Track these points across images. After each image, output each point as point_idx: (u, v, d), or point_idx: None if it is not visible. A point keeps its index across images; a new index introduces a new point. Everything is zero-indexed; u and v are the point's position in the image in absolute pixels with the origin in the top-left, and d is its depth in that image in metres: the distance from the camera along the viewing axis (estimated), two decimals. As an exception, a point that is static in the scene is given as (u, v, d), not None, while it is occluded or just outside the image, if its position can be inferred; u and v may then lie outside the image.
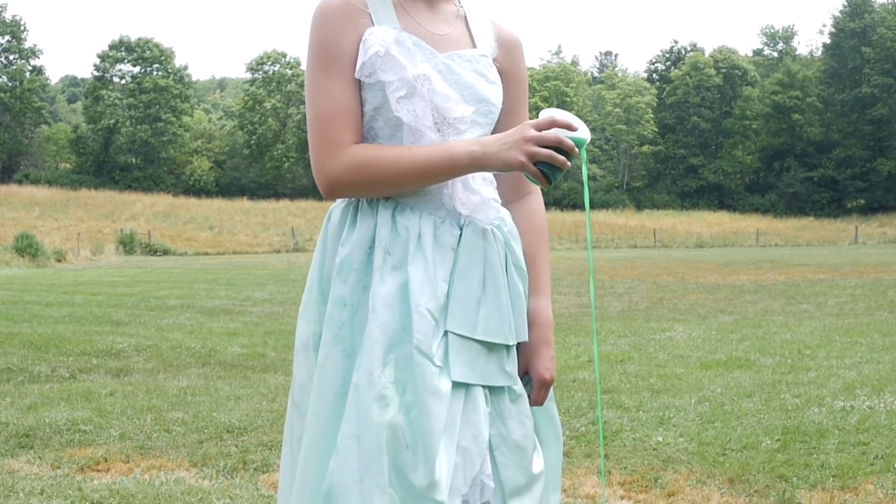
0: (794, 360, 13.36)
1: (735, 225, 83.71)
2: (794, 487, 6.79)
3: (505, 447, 2.63)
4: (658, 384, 11.31)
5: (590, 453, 7.88)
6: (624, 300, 24.48)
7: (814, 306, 22.33)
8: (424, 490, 2.49)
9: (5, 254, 44.49)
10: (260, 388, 11.25)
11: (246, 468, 7.50)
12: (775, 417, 9.17)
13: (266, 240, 67.25)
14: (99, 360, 13.75)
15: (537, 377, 2.77)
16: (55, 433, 8.66)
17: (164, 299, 24.66)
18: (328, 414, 2.58)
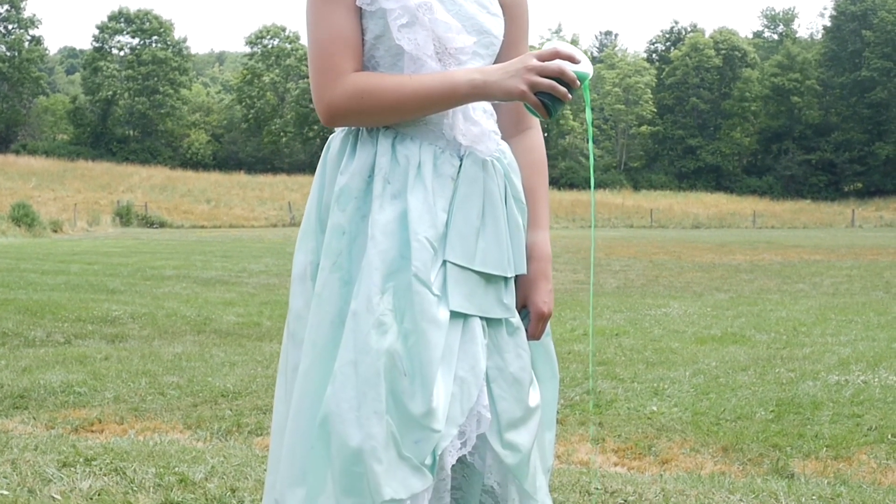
0: (789, 336, 13.39)
1: (732, 206, 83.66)
2: (787, 457, 6.81)
3: (502, 379, 2.62)
4: (653, 357, 11.32)
5: (584, 421, 7.90)
6: (619, 277, 24.51)
7: (809, 286, 22.36)
8: (421, 418, 2.48)
9: (1, 223, 44.41)
10: (255, 355, 11.25)
11: (240, 431, 7.51)
12: (769, 390, 9.19)
13: (263, 214, 67.15)
14: (94, 327, 13.75)
15: (535, 310, 2.76)
16: (49, 395, 8.66)
17: (160, 269, 24.63)
18: (325, 341, 2.57)
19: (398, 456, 2.47)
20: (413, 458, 2.48)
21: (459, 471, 2.67)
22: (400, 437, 2.48)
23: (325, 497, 2.47)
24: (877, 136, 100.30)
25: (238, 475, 5.43)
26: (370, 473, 2.44)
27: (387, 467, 2.45)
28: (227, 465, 5.70)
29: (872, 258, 32.24)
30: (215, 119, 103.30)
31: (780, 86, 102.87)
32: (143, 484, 5.18)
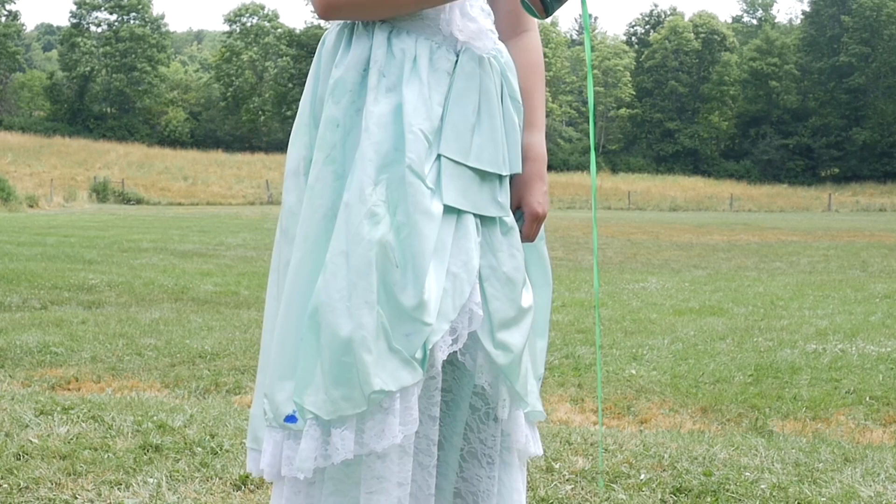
0: (766, 309, 13.42)
1: (709, 190, 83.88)
2: (766, 417, 6.81)
3: (494, 279, 2.60)
4: (632, 327, 11.34)
5: (563, 382, 7.90)
6: (599, 254, 24.53)
7: (786, 264, 22.44)
8: (412, 310, 2.45)
9: (-24, 197, 44.27)
10: (233, 321, 11.21)
11: (218, 390, 7.48)
12: (748, 357, 9.21)
13: (240, 192, 66.98)
14: (71, 294, 13.68)
15: (530, 211, 2.74)
16: (26, 354, 8.61)
17: (137, 242, 24.54)
18: (316, 234, 2.54)
19: (388, 348, 2.44)
20: (403, 351, 2.45)
21: (450, 373, 2.64)
22: (391, 329, 2.45)
23: (313, 388, 2.45)
24: (854, 121, 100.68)
25: (217, 423, 5.40)
26: (360, 364, 2.41)
27: (376, 358, 2.42)
28: (205, 414, 5.68)
29: (849, 240, 32.37)
30: (193, 97, 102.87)
31: (759, 70, 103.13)
32: (121, 430, 5.14)
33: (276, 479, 2.61)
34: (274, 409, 2.53)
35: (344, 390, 2.42)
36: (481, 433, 2.68)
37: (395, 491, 2.47)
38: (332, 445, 2.44)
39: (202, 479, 4.31)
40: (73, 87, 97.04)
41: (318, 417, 2.44)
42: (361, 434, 2.45)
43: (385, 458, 2.47)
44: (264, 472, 2.59)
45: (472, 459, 2.68)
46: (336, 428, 2.44)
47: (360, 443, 2.45)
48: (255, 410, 2.67)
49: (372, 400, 2.42)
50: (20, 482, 4.13)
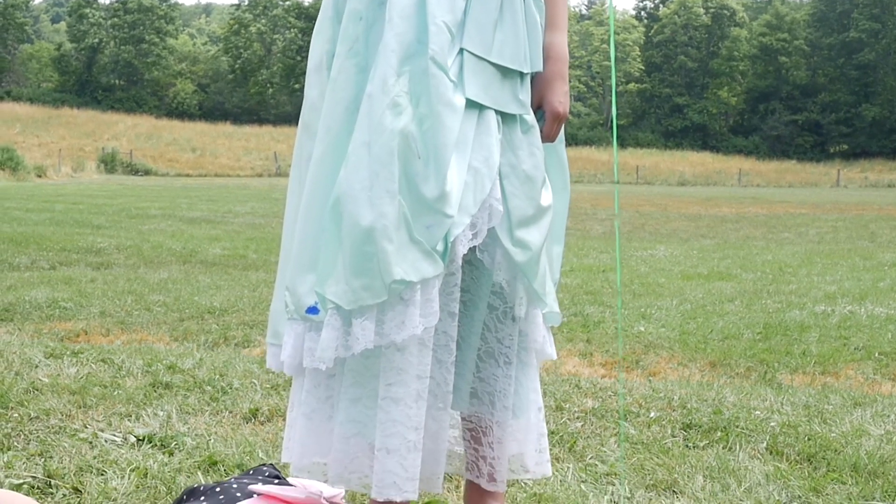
0: (775, 275, 13.40)
1: (718, 165, 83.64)
2: (774, 371, 6.79)
3: (514, 176, 2.59)
4: (640, 290, 11.33)
5: (572, 338, 7.89)
6: (606, 224, 24.50)
7: (795, 234, 22.41)
8: (434, 202, 2.45)
9: (-15, 166, 44.27)
10: (241, 281, 11.22)
11: (227, 343, 7.47)
12: (757, 316, 9.20)
13: (248, 164, 66.94)
14: (79, 256, 13.69)
15: (551, 110, 2.72)
16: (35, 309, 8.61)
17: (145, 209, 24.56)
18: (339, 127, 2.54)
19: (409, 239, 2.44)
20: (424, 243, 2.45)
21: (468, 272, 2.64)
22: (412, 219, 2.45)
23: (335, 279, 2.45)
24: (863, 97, 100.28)
25: (226, 366, 5.41)
26: (381, 253, 2.41)
27: (397, 248, 2.42)
28: (215, 359, 5.69)
29: (857, 213, 32.31)
30: (201, 69, 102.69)
31: (769, 46, 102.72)
32: (130, 371, 5.15)
33: (296, 372, 2.62)
34: (296, 301, 2.54)
35: (365, 280, 2.42)
36: (499, 332, 2.67)
37: (413, 384, 2.48)
38: (352, 336, 2.45)
39: (212, 412, 4.32)
40: (82, 58, 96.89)
41: (339, 307, 2.44)
42: (382, 325, 2.45)
43: (404, 351, 2.47)
44: (285, 364, 2.60)
45: (488, 359, 2.68)
46: (357, 318, 2.45)
47: (381, 333, 2.45)
48: (276, 306, 2.68)
49: (392, 290, 2.42)
50: (30, 412, 4.14)
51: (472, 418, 2.71)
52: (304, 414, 2.59)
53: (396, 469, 2.47)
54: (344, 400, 2.53)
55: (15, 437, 3.79)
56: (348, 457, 2.53)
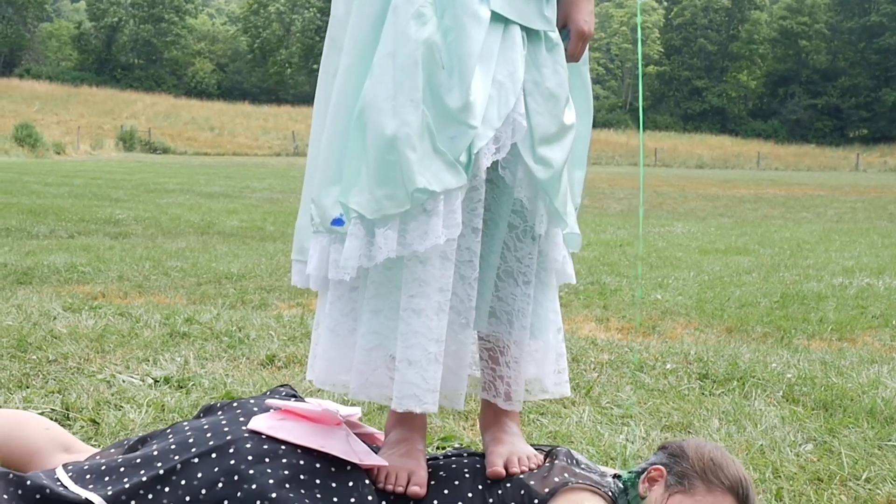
0: (792, 251, 13.36)
1: (736, 149, 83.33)
2: (791, 336, 6.78)
3: (538, 93, 2.59)
4: (657, 262, 11.32)
5: (589, 304, 7.89)
6: (623, 203, 24.47)
7: (813, 215, 22.33)
8: (458, 112, 2.45)
9: (4, 142, 44.29)
10: (259, 251, 11.23)
11: (244, 306, 7.48)
12: (774, 287, 9.18)
13: (266, 143, 66.94)
14: (98, 226, 13.72)
15: (576, 28, 2.72)
16: (53, 273, 8.63)
17: (163, 184, 24.60)
18: (365, 41, 2.55)
19: (433, 149, 2.45)
20: (448, 154, 2.46)
21: (490, 191, 2.64)
22: (436, 130, 2.45)
23: (358, 189, 2.46)
24: (884, 82, 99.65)
25: (243, 321, 5.42)
26: (404, 162, 2.42)
27: (421, 157, 2.43)
28: (232, 315, 5.70)
29: (876, 195, 32.18)
30: (220, 48, 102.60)
31: (789, 29, 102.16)
32: (148, 323, 5.17)
33: (321, 286, 2.64)
34: (321, 213, 2.56)
35: (388, 189, 2.43)
36: (518, 251, 2.67)
37: (435, 296, 2.48)
38: (375, 245, 2.46)
39: (229, 358, 4.34)
40: (101, 37, 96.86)
41: (363, 217, 2.46)
42: (404, 234, 2.46)
43: (427, 263, 2.48)
44: (311, 277, 2.63)
45: (507, 278, 2.69)
46: (380, 227, 2.46)
47: (403, 243, 2.46)
48: (301, 223, 2.70)
49: (415, 199, 2.43)
50: (48, 356, 4.16)
51: (489, 338, 2.71)
52: (328, 328, 2.61)
53: (417, 380, 2.47)
54: (366, 312, 2.54)
55: (33, 377, 3.81)
56: (369, 368, 2.54)
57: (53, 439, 2.71)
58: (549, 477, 2.55)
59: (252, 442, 2.50)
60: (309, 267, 2.60)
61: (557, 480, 2.53)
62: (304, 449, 2.50)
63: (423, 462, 2.61)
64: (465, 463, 2.67)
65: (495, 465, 2.59)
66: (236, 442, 2.50)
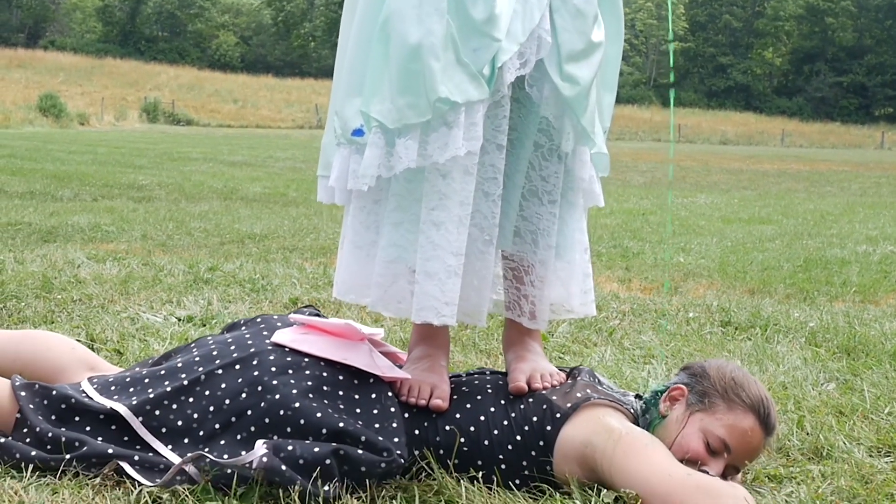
0: (816, 221, 13.32)
1: (761, 126, 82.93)
2: (814, 298, 6.76)
3: (565, 10, 2.59)
4: (680, 230, 11.30)
5: (611, 266, 7.87)
6: (647, 176, 24.41)
7: (837, 188, 22.24)
8: (482, 24, 2.46)
9: (29, 113, 44.40)
10: (281, 214, 11.25)
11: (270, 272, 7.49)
12: (797, 252, 9.15)
13: (290, 115, 66.95)
14: (121, 191, 13.76)
15: None
16: (77, 232, 8.65)
17: (186, 153, 24.65)
18: None
19: (456, 60, 2.45)
20: (471, 65, 2.46)
21: (516, 110, 2.64)
22: (459, 41, 2.45)
23: (380, 97, 2.47)
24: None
25: (266, 271, 5.44)
26: (427, 70, 2.42)
27: (444, 67, 2.43)
28: (255, 267, 5.72)
29: (902, 171, 32.02)
30: (244, 21, 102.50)
31: (815, 6, 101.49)
32: (172, 271, 5.20)
33: (344, 199, 2.66)
34: (343, 124, 2.58)
35: (410, 98, 2.44)
36: (543, 170, 2.67)
37: (456, 209, 2.49)
38: (395, 155, 2.47)
39: (252, 301, 4.36)
40: (125, 9, 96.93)
41: (383, 125, 2.47)
42: (425, 146, 2.46)
43: (447, 176, 2.48)
44: (334, 190, 2.65)
45: (532, 198, 2.69)
46: (400, 137, 2.47)
47: (424, 154, 2.47)
48: (326, 139, 2.72)
49: (437, 109, 2.43)
50: (73, 296, 4.19)
51: (514, 257, 2.72)
52: (350, 240, 2.63)
53: (435, 293, 2.48)
54: (387, 224, 2.55)
55: (58, 314, 3.84)
56: (388, 281, 2.55)
57: (79, 359, 2.74)
58: (571, 393, 2.56)
59: (275, 354, 2.52)
60: (331, 178, 2.62)
61: (580, 396, 2.54)
62: (327, 361, 2.52)
63: (445, 377, 2.62)
64: (487, 380, 2.69)
65: (518, 381, 2.60)
66: (260, 354, 2.52)
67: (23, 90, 54.45)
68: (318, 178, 2.77)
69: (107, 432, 2.43)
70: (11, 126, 39.63)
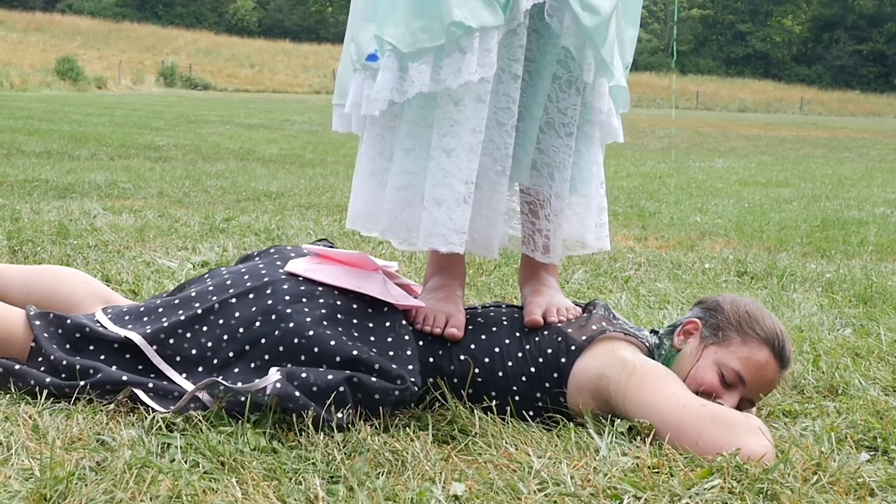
0: (834, 185, 13.26)
1: (779, 94, 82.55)
2: (830, 256, 6.73)
3: None
4: (697, 192, 11.25)
5: (627, 224, 7.85)
6: (664, 141, 24.31)
7: (856, 155, 22.13)
8: None
9: (46, 76, 44.42)
10: (298, 174, 11.24)
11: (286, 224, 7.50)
12: (815, 214, 9.11)
13: (306, 80, 66.88)
14: (138, 151, 13.77)
15: None
16: (93, 188, 8.65)
17: (203, 116, 24.65)
18: None
19: None
20: None
21: (535, 41, 2.63)
22: None
23: (394, 21, 2.46)
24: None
25: (282, 223, 5.44)
26: None
27: None
28: (271, 219, 5.72)
29: (921, 139, 31.85)
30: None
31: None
32: (187, 222, 5.20)
33: (359, 127, 2.65)
34: (358, 49, 2.59)
35: (423, 21, 2.43)
36: (560, 102, 2.66)
37: (467, 136, 2.48)
38: (408, 80, 2.46)
39: (268, 249, 4.35)
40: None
41: (397, 49, 2.46)
42: (438, 70, 2.46)
43: (460, 103, 2.47)
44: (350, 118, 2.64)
45: (549, 130, 2.67)
46: (413, 62, 2.46)
47: (437, 79, 2.46)
48: (342, 67, 2.73)
49: (451, 33, 2.42)
50: (89, 242, 4.19)
51: (530, 191, 2.71)
52: (365, 168, 2.63)
53: (444, 220, 2.48)
54: (398, 151, 2.55)
55: (74, 258, 3.85)
56: (399, 207, 2.55)
57: (94, 293, 2.74)
58: (586, 326, 2.56)
59: (289, 283, 2.52)
60: (347, 105, 2.61)
61: (595, 328, 2.54)
62: (341, 290, 2.53)
63: (461, 307, 2.62)
64: (503, 312, 2.69)
65: (533, 315, 2.60)
66: (273, 283, 2.52)
67: (40, 53, 54.38)
68: (333, 106, 2.76)
69: (121, 361, 2.44)
70: (29, 89, 39.68)
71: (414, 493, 1.88)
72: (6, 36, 61.59)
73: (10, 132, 15.21)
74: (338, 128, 2.73)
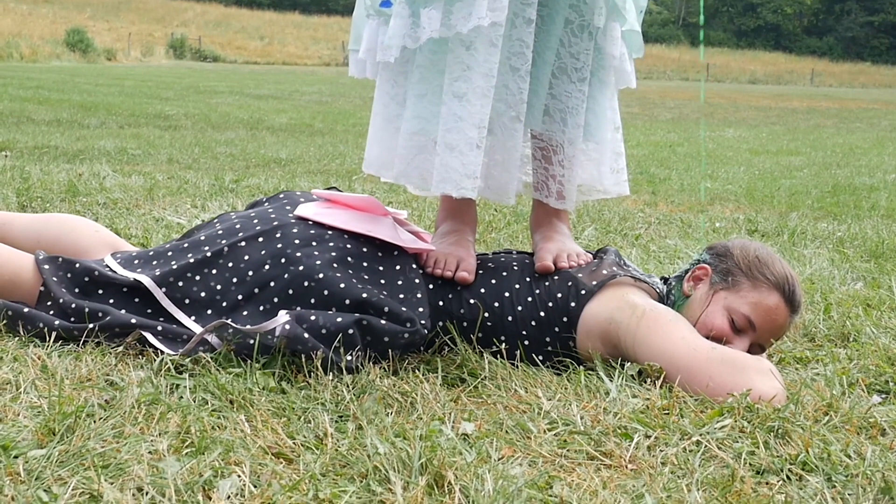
0: (845, 153, 13.22)
1: (790, 65, 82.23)
2: (841, 221, 6.71)
3: None
4: (707, 159, 11.23)
5: (637, 190, 7.82)
6: (674, 112, 24.27)
7: (867, 125, 22.06)
8: None
9: (56, 47, 44.39)
10: (307, 143, 11.24)
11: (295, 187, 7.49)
12: (825, 180, 9.09)
13: (316, 53, 66.73)
14: (148, 120, 13.78)
15: None
16: (103, 154, 8.66)
17: (212, 87, 24.62)
18: None
19: None
20: None
21: None
22: None
23: None
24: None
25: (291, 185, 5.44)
26: None
27: None
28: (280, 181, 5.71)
29: (932, 109, 31.73)
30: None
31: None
32: (197, 184, 5.20)
33: (374, 72, 2.66)
34: None
35: None
36: (572, 47, 2.64)
37: (479, 81, 2.47)
38: (420, 25, 2.46)
39: (277, 206, 4.35)
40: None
41: None
42: (449, 16, 2.45)
43: (471, 47, 2.47)
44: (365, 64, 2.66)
45: (561, 75, 2.66)
46: (425, 7, 2.45)
47: (448, 24, 2.45)
48: (357, 12, 2.71)
49: None
50: (98, 200, 4.19)
51: (543, 137, 2.70)
52: (379, 114, 2.63)
53: (456, 165, 2.47)
54: (411, 97, 2.55)
55: (83, 214, 3.85)
56: (412, 153, 2.55)
57: (102, 240, 2.75)
58: (597, 271, 2.55)
59: (299, 227, 2.52)
60: (362, 50, 2.61)
61: (605, 273, 2.53)
62: (351, 234, 2.53)
63: (472, 251, 2.62)
64: (514, 258, 2.68)
65: (544, 260, 2.59)
66: (283, 227, 2.52)
67: (50, 25, 54.29)
68: (349, 52, 2.76)
69: (130, 304, 2.44)
70: (39, 60, 39.69)
71: (423, 432, 1.88)
72: (16, 7, 61.44)
73: (20, 101, 15.21)
74: (354, 73, 2.73)
